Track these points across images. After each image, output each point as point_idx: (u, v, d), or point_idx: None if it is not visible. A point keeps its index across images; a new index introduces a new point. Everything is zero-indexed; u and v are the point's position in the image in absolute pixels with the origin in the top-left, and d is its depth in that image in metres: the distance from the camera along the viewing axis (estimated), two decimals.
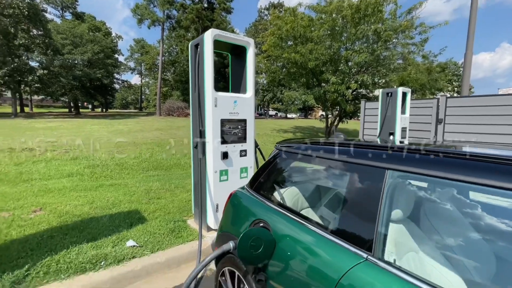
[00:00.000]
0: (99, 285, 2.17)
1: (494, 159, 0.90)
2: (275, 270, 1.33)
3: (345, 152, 1.32)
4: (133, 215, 3.59)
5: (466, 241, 1.14)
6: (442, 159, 1.00)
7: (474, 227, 1.15)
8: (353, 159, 1.25)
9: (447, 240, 1.21)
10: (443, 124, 7.48)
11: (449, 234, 1.23)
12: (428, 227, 1.28)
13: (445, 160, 1.00)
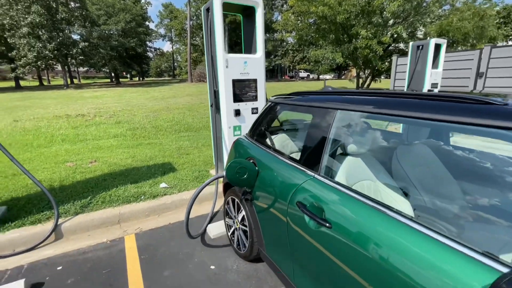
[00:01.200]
0: (139, 212, 2.85)
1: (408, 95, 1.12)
2: (257, 192, 1.75)
3: (314, 100, 1.59)
4: (166, 166, 4.27)
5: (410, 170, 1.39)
6: (376, 99, 1.23)
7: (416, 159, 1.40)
8: (316, 103, 1.52)
9: (398, 171, 1.47)
10: (484, 78, 6.80)
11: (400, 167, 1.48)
12: (383, 161, 1.54)
13: (380, 99, 1.23)
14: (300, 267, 1.40)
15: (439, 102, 0.99)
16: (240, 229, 2.11)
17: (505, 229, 1.14)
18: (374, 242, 0.98)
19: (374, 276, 0.95)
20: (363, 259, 0.99)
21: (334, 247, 1.13)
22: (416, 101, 1.11)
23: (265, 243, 1.76)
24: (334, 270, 1.14)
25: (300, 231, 1.34)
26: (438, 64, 6.41)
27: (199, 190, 1.96)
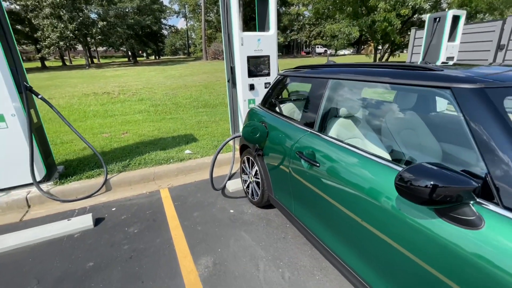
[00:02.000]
0: (170, 172, 3.40)
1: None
2: (267, 148, 2.18)
3: (312, 72, 1.94)
4: (188, 137, 4.79)
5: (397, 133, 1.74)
6: (359, 69, 1.58)
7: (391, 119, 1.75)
8: (313, 74, 1.87)
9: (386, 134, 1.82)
10: (505, 51, 6.60)
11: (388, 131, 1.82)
12: (373, 124, 1.90)
13: (363, 70, 1.57)
14: (297, 201, 1.85)
15: (397, 70, 1.33)
16: (254, 182, 2.58)
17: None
18: (350, 175, 1.38)
19: (350, 201, 1.36)
20: (341, 189, 1.40)
21: (320, 181, 1.56)
22: (385, 70, 1.44)
23: (273, 189, 2.22)
24: (320, 200, 1.57)
25: (297, 173, 1.77)
26: (456, 37, 6.28)
27: (221, 147, 2.44)
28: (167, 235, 2.26)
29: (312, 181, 1.64)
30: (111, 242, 2.19)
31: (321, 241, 1.64)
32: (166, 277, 1.81)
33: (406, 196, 0.93)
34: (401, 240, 1.09)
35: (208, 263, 1.93)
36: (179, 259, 1.97)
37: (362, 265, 1.33)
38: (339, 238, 1.48)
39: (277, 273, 1.82)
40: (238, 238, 2.20)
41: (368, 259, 1.29)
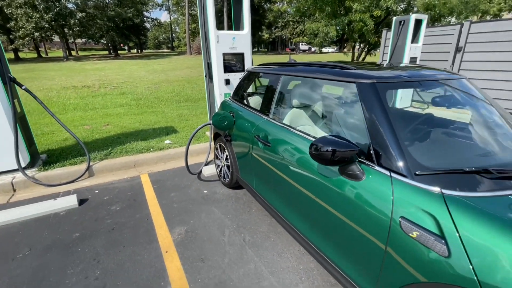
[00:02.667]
0: (150, 159, 3.66)
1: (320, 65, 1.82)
2: (234, 134, 2.52)
3: (270, 69, 2.29)
4: (169, 129, 5.03)
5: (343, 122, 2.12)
6: (305, 68, 1.94)
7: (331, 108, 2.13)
8: (270, 71, 2.23)
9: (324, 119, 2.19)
10: (462, 53, 7.28)
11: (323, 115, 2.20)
12: (320, 112, 2.28)
13: (309, 68, 1.93)
14: (257, 177, 2.21)
15: (326, 69, 1.71)
16: (225, 165, 2.92)
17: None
18: (291, 151, 1.74)
19: (292, 173, 1.72)
20: (286, 163, 1.76)
21: (271, 158, 1.92)
22: (319, 68, 1.81)
23: (239, 170, 2.57)
24: (272, 174, 1.93)
25: (256, 153, 2.12)
26: (419, 39, 6.87)
27: (193, 133, 2.79)
28: (146, 211, 2.56)
29: (266, 159, 2.00)
30: (95, 217, 2.46)
31: (275, 209, 2.01)
32: (144, 242, 2.12)
33: (316, 159, 1.30)
34: (321, 195, 1.47)
35: (181, 231, 2.25)
36: (156, 229, 2.28)
37: (302, 223, 1.71)
38: (287, 204, 1.85)
39: (240, 237, 2.18)
40: (209, 212, 2.54)
41: (305, 217, 1.66)
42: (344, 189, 1.32)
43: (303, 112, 2.11)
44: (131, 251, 2.03)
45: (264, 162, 2.03)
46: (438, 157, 1.30)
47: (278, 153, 1.85)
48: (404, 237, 1.05)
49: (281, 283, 1.73)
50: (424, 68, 1.78)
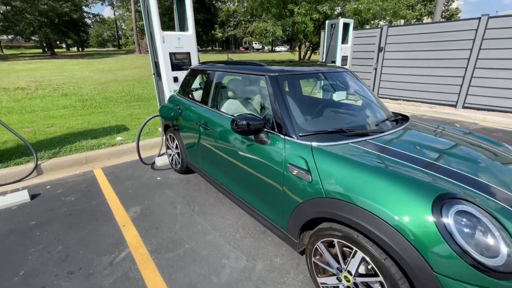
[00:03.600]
0: (102, 155, 3.80)
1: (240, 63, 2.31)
2: (181, 124, 2.90)
3: (208, 67, 2.73)
4: (120, 127, 5.11)
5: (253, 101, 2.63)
6: (234, 66, 2.41)
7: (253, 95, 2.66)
8: (208, 68, 2.66)
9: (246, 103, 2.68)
10: (383, 52, 8.62)
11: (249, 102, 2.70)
12: (249, 101, 2.77)
13: (235, 66, 2.41)
14: (202, 158, 2.63)
15: (246, 66, 2.21)
16: (175, 153, 3.26)
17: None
18: (223, 131, 2.20)
19: (225, 149, 2.18)
20: (220, 141, 2.22)
21: (208, 137, 2.36)
22: (241, 66, 2.30)
23: (188, 155, 2.95)
24: (213, 152, 2.37)
25: (200, 137, 2.54)
26: (348, 40, 7.94)
27: (143, 124, 3.09)
28: (102, 198, 2.78)
29: (207, 141, 2.43)
30: (50, 207, 2.61)
31: (217, 182, 2.46)
32: (102, 221, 2.38)
33: (236, 131, 1.77)
34: (244, 161, 1.96)
35: (136, 210, 2.56)
36: (112, 210, 2.55)
37: (234, 186, 2.19)
38: (224, 174, 2.31)
39: (189, 209, 2.58)
40: (162, 194, 2.88)
41: (236, 180, 2.14)
42: (257, 152, 1.82)
43: (233, 100, 2.59)
44: (90, 229, 2.28)
45: (206, 143, 2.46)
46: (315, 125, 1.89)
47: (214, 134, 2.30)
48: (290, 176, 1.59)
49: (222, 235, 2.19)
50: (321, 65, 2.40)
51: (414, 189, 1.16)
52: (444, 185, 1.21)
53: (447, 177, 1.31)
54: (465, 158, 1.58)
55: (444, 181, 1.27)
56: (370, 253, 1.24)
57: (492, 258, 1.02)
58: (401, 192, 1.17)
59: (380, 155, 1.48)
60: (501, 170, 1.51)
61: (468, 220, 1.07)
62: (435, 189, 1.15)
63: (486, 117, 6.29)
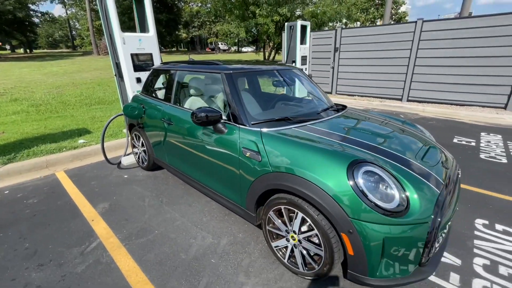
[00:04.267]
0: (64, 158, 3.74)
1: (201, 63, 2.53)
2: (146, 122, 3.02)
3: (169, 66, 2.90)
4: (82, 130, 4.98)
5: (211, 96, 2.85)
6: (192, 66, 2.62)
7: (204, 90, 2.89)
8: (169, 68, 2.84)
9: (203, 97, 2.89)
10: (339, 52, 9.35)
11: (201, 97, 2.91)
12: (209, 97, 2.99)
13: (193, 66, 2.62)
14: (168, 152, 2.79)
15: (206, 65, 2.44)
16: (142, 151, 3.36)
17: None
18: (187, 125, 2.40)
19: (189, 141, 2.38)
20: (183, 134, 2.41)
21: (173, 132, 2.54)
22: (201, 65, 2.53)
23: (154, 151, 3.09)
24: (177, 145, 2.55)
25: (165, 133, 2.70)
26: (306, 41, 8.48)
27: (107, 123, 3.17)
28: (67, 198, 2.80)
29: (171, 136, 2.61)
30: (11, 211, 2.58)
31: (183, 172, 2.64)
32: (69, 218, 2.44)
33: (195, 122, 1.98)
34: (206, 151, 2.18)
35: (105, 206, 2.64)
36: (79, 208, 2.60)
37: (199, 174, 2.40)
38: (188, 164, 2.51)
39: (158, 201, 2.73)
40: (130, 189, 2.97)
41: (200, 169, 2.35)
42: (216, 141, 2.06)
43: (195, 97, 2.79)
44: (57, 226, 2.33)
45: (171, 138, 2.64)
46: (265, 115, 2.19)
47: (178, 128, 2.49)
48: (244, 157, 1.86)
49: (190, 220, 2.39)
50: (275, 64, 2.71)
51: (334, 159, 1.50)
52: (356, 153, 1.56)
53: (360, 148, 1.67)
54: (378, 134, 1.98)
55: (357, 150, 1.63)
56: (307, 212, 1.55)
57: (389, 203, 1.38)
58: (325, 162, 1.50)
59: (315, 135, 1.81)
60: (402, 140, 1.94)
61: (372, 177, 1.42)
62: (348, 157, 1.50)
63: (425, 108, 7.20)
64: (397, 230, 1.35)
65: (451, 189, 1.61)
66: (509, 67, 6.28)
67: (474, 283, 1.72)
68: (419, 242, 1.38)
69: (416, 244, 1.38)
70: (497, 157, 3.85)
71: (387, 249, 1.36)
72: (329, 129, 1.95)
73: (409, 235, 1.36)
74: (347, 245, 1.42)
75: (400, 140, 1.93)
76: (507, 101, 6.54)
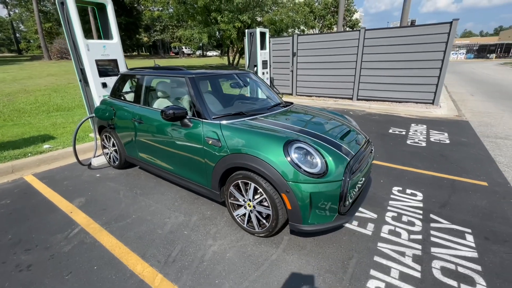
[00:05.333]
0: (30, 163, 3.79)
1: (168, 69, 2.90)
2: (116, 123, 3.29)
3: (138, 72, 3.22)
4: (44, 136, 4.95)
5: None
6: (162, 72, 2.98)
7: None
8: (138, 73, 3.16)
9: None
10: (296, 57, 10.18)
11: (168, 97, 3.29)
12: (175, 98, 3.35)
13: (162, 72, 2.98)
14: (139, 149, 3.10)
15: (170, 70, 2.82)
16: (113, 151, 3.59)
17: None
18: (156, 122, 2.74)
19: (157, 138, 2.73)
20: (153, 131, 2.75)
21: (145, 131, 2.88)
22: (167, 70, 2.90)
23: (126, 149, 3.36)
24: (147, 142, 2.88)
25: (136, 131, 3.01)
26: (266, 46, 9.13)
27: (79, 125, 3.35)
28: (41, 197, 2.96)
29: (142, 133, 2.93)
30: None
31: (154, 166, 2.97)
32: (47, 213, 2.63)
33: (165, 118, 2.36)
34: (175, 144, 2.57)
35: (81, 200, 2.87)
36: (56, 204, 2.79)
37: (169, 164, 2.76)
38: (158, 157, 2.85)
39: (132, 193, 3.02)
40: (104, 186, 3.21)
41: (170, 160, 2.72)
42: (183, 134, 2.46)
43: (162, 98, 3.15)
44: (36, 220, 2.52)
45: (142, 136, 2.96)
46: (224, 111, 2.64)
47: (148, 126, 2.83)
48: (207, 145, 2.29)
49: (163, 205, 2.74)
50: (231, 68, 3.17)
51: (275, 140, 2.00)
52: (290, 135, 2.09)
53: (295, 132, 2.21)
54: (310, 122, 2.57)
55: (291, 133, 2.16)
56: (258, 182, 2.03)
57: (314, 169, 1.91)
58: (269, 143, 2.00)
59: (262, 125, 2.31)
60: (327, 126, 2.53)
61: (301, 151, 1.95)
62: (283, 138, 2.02)
63: (371, 106, 8.24)
64: (319, 187, 1.89)
65: (360, 158, 2.21)
66: (434, 69, 7.53)
67: (383, 228, 2.34)
68: (335, 195, 1.93)
69: (334, 197, 1.94)
70: (419, 142, 4.76)
71: (314, 201, 1.90)
72: (274, 119, 2.47)
73: (327, 190, 1.91)
74: (286, 202, 1.93)
75: (326, 126, 2.52)
76: (434, 98, 7.81)
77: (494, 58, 45.51)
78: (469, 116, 7.08)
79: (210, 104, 2.54)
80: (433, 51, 7.47)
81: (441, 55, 7.39)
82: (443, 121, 6.41)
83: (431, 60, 7.54)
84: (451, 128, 5.72)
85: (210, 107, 2.48)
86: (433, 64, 7.55)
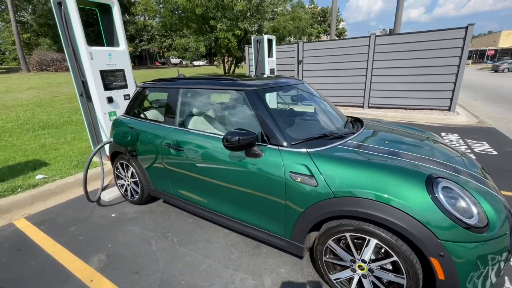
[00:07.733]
0: (21, 201, 2.98)
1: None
2: (139, 149, 2.58)
3: (168, 84, 2.55)
4: (34, 162, 4.11)
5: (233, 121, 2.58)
6: (197, 81, 2.34)
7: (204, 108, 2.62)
8: (169, 85, 2.49)
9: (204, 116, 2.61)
10: (302, 64, 9.77)
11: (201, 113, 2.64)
12: (218, 116, 2.70)
13: (196, 81, 2.33)
14: (173, 182, 2.40)
15: (221, 81, 2.19)
16: (131, 183, 2.86)
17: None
18: (202, 150, 2.08)
19: (210, 168, 2.06)
20: (201, 161, 2.09)
21: (183, 159, 2.20)
22: (212, 81, 2.27)
23: (151, 182, 2.64)
24: (189, 174, 2.20)
25: (170, 160, 2.32)
26: (272, 54, 8.65)
27: (92, 154, 2.59)
28: (44, 255, 2.18)
29: (180, 163, 2.25)
30: None
31: (197, 205, 2.28)
32: (57, 284, 1.87)
33: (228, 147, 1.72)
34: (235, 179, 1.91)
35: (101, 258, 2.12)
36: (66, 266, 2.03)
37: (224, 206, 2.09)
38: (208, 196, 2.18)
39: (167, 241, 2.30)
40: (126, 232, 2.46)
41: (227, 200, 2.05)
42: (251, 166, 1.81)
43: (205, 118, 2.49)
44: None
45: (179, 166, 2.27)
46: (302, 133, 2.03)
47: (192, 154, 2.15)
48: (293, 183, 1.65)
49: (217, 261, 2.05)
50: (281, 77, 2.57)
51: (407, 175, 1.40)
52: (424, 169, 1.50)
53: (419, 162, 1.62)
54: (418, 146, 1.99)
55: (425, 167, 1.57)
56: (383, 238, 1.41)
57: (471, 219, 1.32)
58: (398, 180, 1.39)
59: (366, 152, 1.71)
60: (442, 152, 1.97)
61: (451, 193, 1.36)
62: (420, 173, 1.42)
63: (387, 114, 7.87)
64: (485, 248, 1.30)
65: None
66: (450, 75, 7.28)
67: None
68: (504, 253, 1.35)
69: (501, 257, 1.35)
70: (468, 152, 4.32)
71: (479, 268, 1.30)
72: (373, 143, 1.88)
73: (497, 249, 1.32)
74: (438, 270, 1.32)
75: (440, 152, 1.94)
76: (450, 104, 7.55)
77: (471, 63, 47.90)
78: (491, 122, 6.82)
79: (281, 125, 1.91)
80: (448, 56, 7.24)
81: (457, 61, 7.17)
82: (471, 129, 6.09)
83: (446, 65, 7.30)
84: (485, 137, 5.36)
85: (286, 129, 1.86)
86: (449, 70, 7.31)
